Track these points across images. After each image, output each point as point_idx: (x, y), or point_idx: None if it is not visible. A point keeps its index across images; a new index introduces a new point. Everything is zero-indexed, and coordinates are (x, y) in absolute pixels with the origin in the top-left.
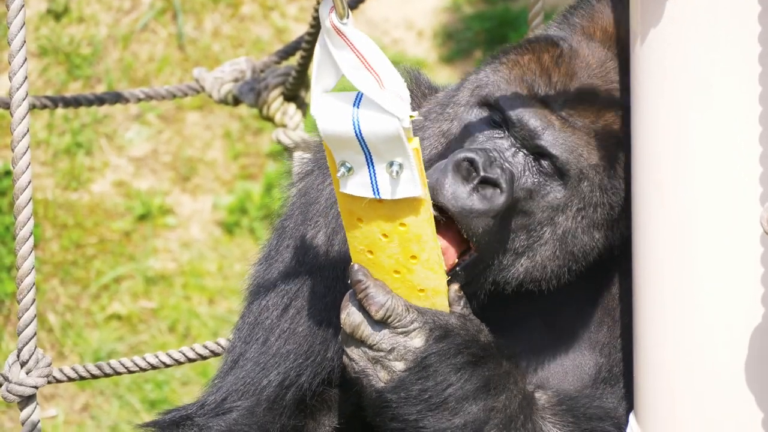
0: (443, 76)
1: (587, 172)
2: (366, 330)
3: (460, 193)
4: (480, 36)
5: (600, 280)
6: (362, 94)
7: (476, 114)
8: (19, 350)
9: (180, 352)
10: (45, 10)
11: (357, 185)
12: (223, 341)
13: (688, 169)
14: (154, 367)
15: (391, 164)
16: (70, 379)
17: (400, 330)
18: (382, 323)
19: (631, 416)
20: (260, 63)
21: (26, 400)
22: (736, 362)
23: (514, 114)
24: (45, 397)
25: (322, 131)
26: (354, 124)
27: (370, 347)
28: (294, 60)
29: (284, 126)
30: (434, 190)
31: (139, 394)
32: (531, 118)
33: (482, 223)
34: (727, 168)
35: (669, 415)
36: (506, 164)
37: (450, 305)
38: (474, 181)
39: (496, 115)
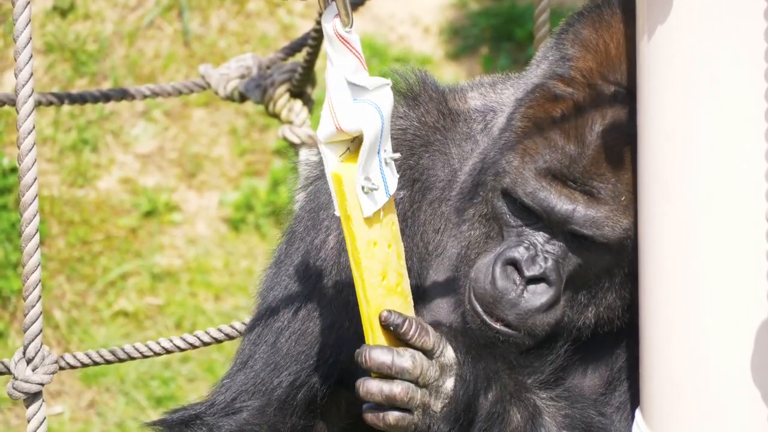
0: (449, 73)
1: (629, 233)
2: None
3: (510, 298)
4: (486, 32)
5: None
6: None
7: (504, 203)
8: (25, 347)
9: (182, 339)
10: (51, 6)
11: (379, 197)
12: (237, 324)
13: (694, 165)
14: (168, 351)
15: (383, 152)
16: (84, 365)
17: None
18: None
19: (637, 412)
20: (266, 59)
21: (32, 397)
22: (742, 358)
23: (538, 204)
24: (51, 394)
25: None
26: (378, 111)
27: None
28: (300, 57)
29: (290, 123)
30: (486, 302)
31: (146, 390)
32: (555, 203)
33: (539, 317)
34: (733, 164)
35: (675, 411)
36: (547, 255)
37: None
38: (521, 282)
39: (524, 204)
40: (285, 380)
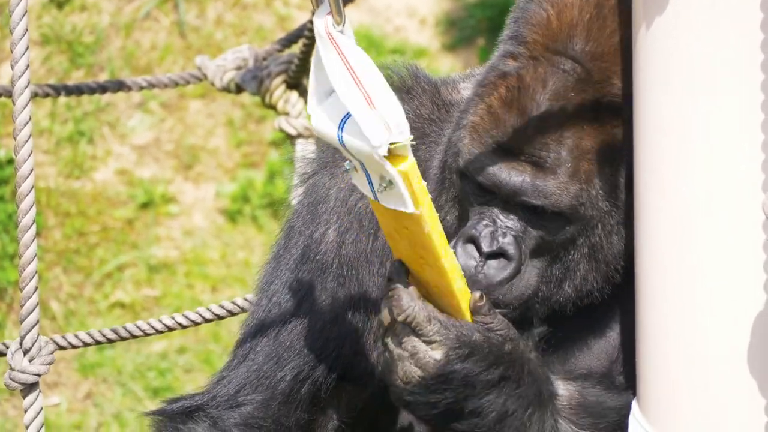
0: (446, 64)
1: (581, 200)
2: (397, 326)
3: (470, 275)
4: (483, 24)
5: None
6: (349, 114)
7: (463, 184)
8: (22, 338)
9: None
10: None
11: (360, 184)
12: (239, 300)
13: (691, 156)
14: (170, 329)
15: (381, 178)
16: (86, 344)
17: (423, 338)
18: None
19: (634, 403)
20: (263, 51)
21: (29, 388)
22: (738, 349)
23: (489, 180)
24: (48, 384)
25: (320, 136)
26: (341, 142)
27: (399, 344)
28: (296, 48)
29: (287, 114)
30: None
31: (142, 381)
32: (504, 177)
33: (504, 289)
34: (729, 155)
35: (671, 402)
36: (505, 230)
37: (473, 314)
38: (481, 260)
39: (477, 182)
40: (288, 374)
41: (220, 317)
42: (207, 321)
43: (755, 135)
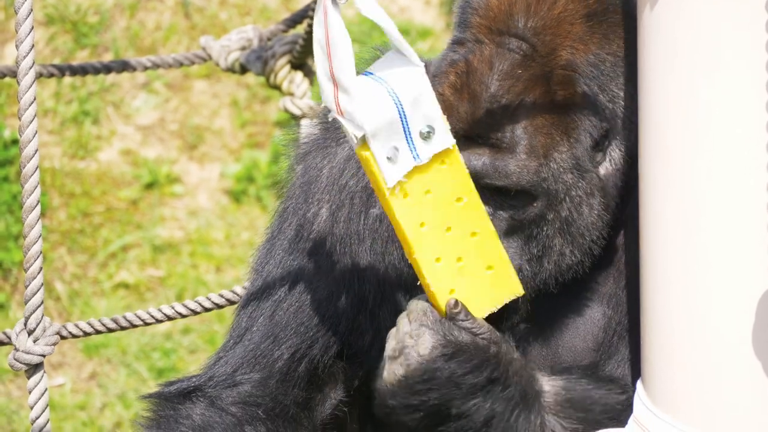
0: None
1: (542, 175)
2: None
3: None
4: None
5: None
6: (371, 73)
7: None
8: (26, 318)
9: (183, 305)
10: None
11: (405, 162)
12: (239, 289)
13: (694, 135)
14: (169, 318)
15: (421, 131)
16: (86, 333)
17: (413, 332)
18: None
19: (639, 383)
20: (267, 31)
21: (34, 369)
22: (743, 330)
23: None
24: (52, 365)
25: (372, 132)
26: (395, 101)
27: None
28: (301, 28)
29: (291, 94)
30: None
31: (147, 362)
32: (465, 163)
33: None
34: (735, 136)
35: (675, 383)
36: None
37: (451, 319)
38: None
39: None
40: (286, 352)
41: (219, 306)
42: (207, 310)
43: (760, 115)
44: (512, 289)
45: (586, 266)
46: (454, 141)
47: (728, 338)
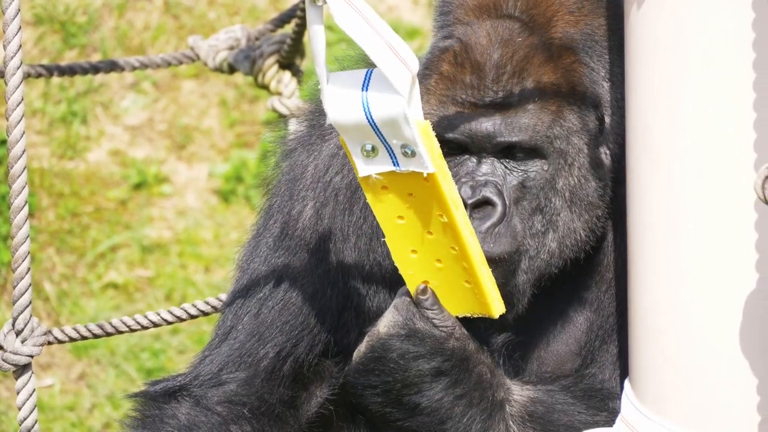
0: None
1: (554, 132)
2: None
3: None
4: None
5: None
6: (371, 73)
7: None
8: (14, 319)
9: (169, 312)
10: None
11: (379, 164)
12: (224, 297)
13: (682, 134)
14: (155, 325)
15: (402, 146)
16: (72, 339)
17: (385, 314)
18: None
19: (626, 383)
20: (255, 31)
21: (22, 369)
22: (730, 329)
23: (459, 133)
24: (41, 366)
25: (335, 123)
26: (365, 110)
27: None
28: (289, 28)
29: (279, 94)
30: None
31: (136, 362)
32: (474, 126)
33: (492, 239)
34: (721, 134)
35: (664, 382)
36: (486, 180)
37: (415, 305)
38: (468, 210)
39: (449, 141)
40: (271, 351)
41: (205, 313)
42: (192, 317)
43: (748, 114)
44: (487, 309)
45: (589, 247)
46: (435, 170)
47: (716, 337)
